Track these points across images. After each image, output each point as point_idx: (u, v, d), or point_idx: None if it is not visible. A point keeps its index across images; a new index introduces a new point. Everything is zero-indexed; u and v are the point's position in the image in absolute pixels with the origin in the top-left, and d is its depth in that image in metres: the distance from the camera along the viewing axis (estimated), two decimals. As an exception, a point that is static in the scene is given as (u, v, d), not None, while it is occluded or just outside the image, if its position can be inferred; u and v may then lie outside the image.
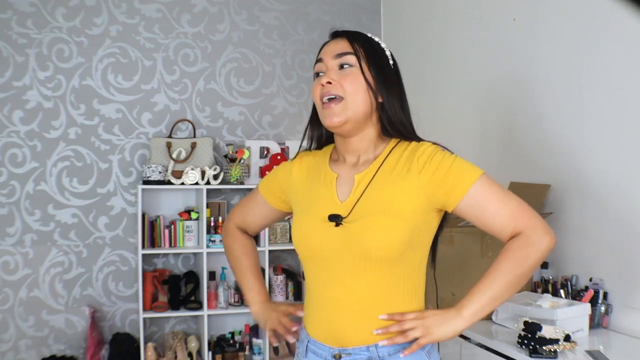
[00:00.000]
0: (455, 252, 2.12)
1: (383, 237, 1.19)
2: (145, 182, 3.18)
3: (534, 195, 2.31)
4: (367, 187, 1.24)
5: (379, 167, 1.26)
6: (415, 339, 1.22)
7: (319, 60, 1.30)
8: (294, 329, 1.38)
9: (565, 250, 2.26)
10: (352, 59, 1.26)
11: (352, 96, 1.24)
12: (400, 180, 1.22)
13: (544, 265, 2.30)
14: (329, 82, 1.25)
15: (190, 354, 3.28)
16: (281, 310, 1.44)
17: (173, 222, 3.35)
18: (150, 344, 3.22)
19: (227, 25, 3.58)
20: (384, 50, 1.32)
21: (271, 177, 1.47)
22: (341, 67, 1.27)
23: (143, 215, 3.25)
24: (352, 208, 1.23)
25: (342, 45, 1.28)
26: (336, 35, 1.33)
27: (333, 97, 1.24)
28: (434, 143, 1.27)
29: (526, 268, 1.19)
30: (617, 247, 2.05)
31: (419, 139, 1.29)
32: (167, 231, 3.31)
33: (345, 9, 3.79)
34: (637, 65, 1.99)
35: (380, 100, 1.28)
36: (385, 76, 1.28)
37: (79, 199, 3.34)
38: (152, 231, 3.29)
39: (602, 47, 2.12)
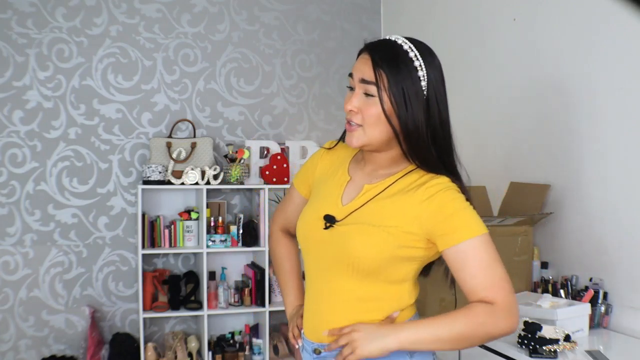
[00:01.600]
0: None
1: (364, 248, 1.20)
2: (145, 182, 3.18)
3: (534, 195, 2.30)
4: (371, 198, 1.26)
5: (390, 185, 1.26)
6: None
7: (350, 75, 1.27)
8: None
9: (565, 250, 2.26)
10: (373, 89, 1.21)
11: (370, 127, 1.23)
12: (402, 201, 1.22)
13: (544, 266, 2.30)
14: (352, 110, 1.24)
15: (190, 354, 3.28)
16: (300, 314, 1.44)
17: (173, 222, 3.35)
18: (150, 344, 3.22)
19: (227, 25, 3.59)
20: (415, 70, 1.20)
21: (304, 167, 1.48)
22: (364, 93, 1.23)
23: (143, 215, 3.24)
24: (349, 214, 1.25)
25: (367, 68, 1.21)
26: (367, 49, 1.24)
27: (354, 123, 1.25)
28: (453, 181, 1.24)
29: (478, 334, 1.16)
30: (617, 247, 2.05)
31: (439, 172, 1.24)
32: (167, 231, 3.31)
33: (345, 9, 3.79)
34: (637, 65, 1.99)
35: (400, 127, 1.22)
36: (407, 103, 1.20)
37: (79, 199, 3.34)
38: (152, 231, 3.29)
39: (602, 47, 2.12)
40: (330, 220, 1.26)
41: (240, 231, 3.34)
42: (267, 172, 3.37)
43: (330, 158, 1.41)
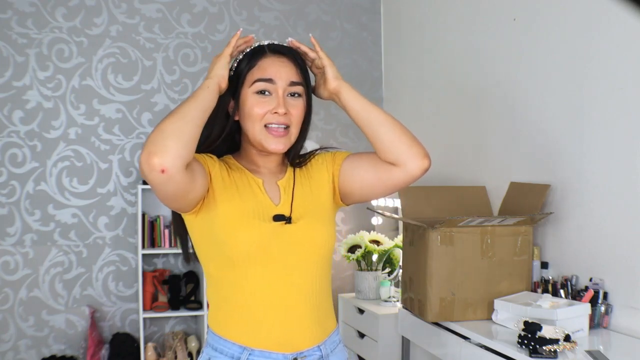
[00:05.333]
0: (455, 252, 2.12)
1: (327, 232, 1.31)
2: (145, 182, 3.18)
3: (534, 195, 2.31)
4: (293, 190, 1.32)
5: (294, 173, 1.36)
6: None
7: (268, 80, 1.27)
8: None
9: (565, 250, 2.26)
10: (301, 89, 1.30)
11: (296, 127, 1.31)
12: (314, 180, 1.37)
13: (544, 266, 2.30)
14: (286, 113, 1.27)
15: (190, 354, 3.28)
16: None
17: (173, 222, 3.35)
18: (150, 344, 3.22)
19: (227, 25, 3.59)
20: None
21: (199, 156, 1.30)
22: (290, 94, 1.29)
23: (143, 215, 3.25)
24: (291, 210, 1.29)
25: (293, 70, 1.30)
26: (281, 52, 1.31)
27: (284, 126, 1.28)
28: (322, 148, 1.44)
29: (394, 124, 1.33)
30: (617, 247, 2.05)
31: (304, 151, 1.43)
32: (167, 231, 3.31)
33: (345, 9, 3.79)
34: (637, 65, 1.99)
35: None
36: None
37: (79, 199, 3.34)
38: (152, 231, 3.29)
39: (603, 47, 2.13)
40: (283, 219, 1.26)
41: (240, 231, 3.34)
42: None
43: (221, 165, 1.31)
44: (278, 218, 1.26)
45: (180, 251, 3.34)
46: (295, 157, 1.37)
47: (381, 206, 3.44)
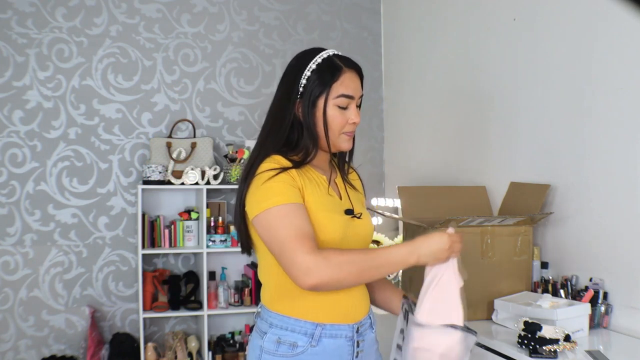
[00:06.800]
0: (455, 252, 2.12)
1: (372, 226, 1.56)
2: (145, 182, 3.18)
3: (534, 195, 2.31)
4: (346, 188, 1.54)
5: (339, 175, 1.57)
6: None
7: (349, 97, 1.45)
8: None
9: (565, 250, 2.26)
10: (359, 101, 1.51)
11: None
12: (355, 185, 1.62)
13: (544, 266, 2.30)
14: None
15: (190, 354, 3.28)
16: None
17: (173, 222, 3.35)
18: (150, 344, 3.22)
19: (227, 25, 3.59)
20: None
21: (287, 185, 1.37)
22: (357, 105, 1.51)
23: (143, 215, 3.25)
24: (352, 204, 1.50)
25: (360, 85, 1.50)
26: (354, 68, 1.50)
27: None
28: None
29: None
30: (617, 247, 2.05)
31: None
32: (167, 231, 3.31)
33: (345, 9, 3.79)
34: (637, 64, 1.99)
35: None
36: None
37: (79, 199, 3.34)
38: (152, 231, 3.29)
39: (602, 47, 2.12)
40: (352, 213, 1.47)
41: (240, 231, 3.34)
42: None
43: (294, 173, 1.42)
44: (349, 212, 1.47)
45: (180, 251, 3.36)
46: (350, 159, 1.59)
47: (381, 206, 3.45)
